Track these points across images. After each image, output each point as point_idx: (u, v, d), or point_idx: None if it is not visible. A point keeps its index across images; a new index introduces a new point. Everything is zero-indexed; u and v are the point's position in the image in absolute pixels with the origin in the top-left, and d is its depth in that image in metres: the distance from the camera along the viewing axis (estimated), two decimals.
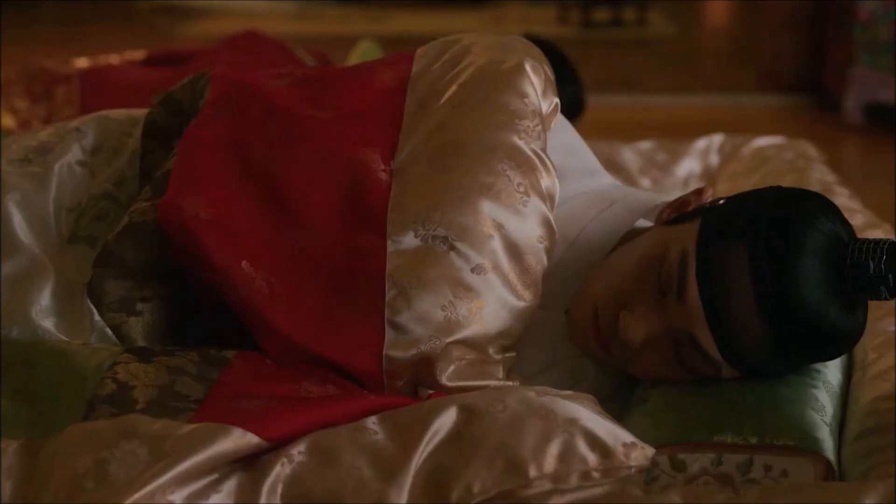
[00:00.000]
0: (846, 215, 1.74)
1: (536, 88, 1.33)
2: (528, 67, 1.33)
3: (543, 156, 1.29)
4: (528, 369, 1.30)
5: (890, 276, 1.14)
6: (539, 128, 1.30)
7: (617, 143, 2.33)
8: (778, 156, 2.16)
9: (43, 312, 1.25)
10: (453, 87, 1.34)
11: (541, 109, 1.32)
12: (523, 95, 1.31)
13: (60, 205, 1.38)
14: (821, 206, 1.20)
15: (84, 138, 1.45)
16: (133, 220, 1.28)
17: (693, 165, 2.28)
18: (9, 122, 2.51)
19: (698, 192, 1.29)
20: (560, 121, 1.40)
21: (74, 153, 1.43)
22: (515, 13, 7.35)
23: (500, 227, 1.23)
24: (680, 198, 1.30)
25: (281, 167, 1.30)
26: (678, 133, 3.87)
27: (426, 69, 1.40)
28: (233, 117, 1.36)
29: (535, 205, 1.26)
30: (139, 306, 1.27)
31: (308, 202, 1.28)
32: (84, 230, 1.37)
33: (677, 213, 1.28)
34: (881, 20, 3.64)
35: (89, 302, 1.26)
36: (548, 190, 1.28)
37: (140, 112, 1.51)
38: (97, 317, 1.25)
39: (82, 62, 2.70)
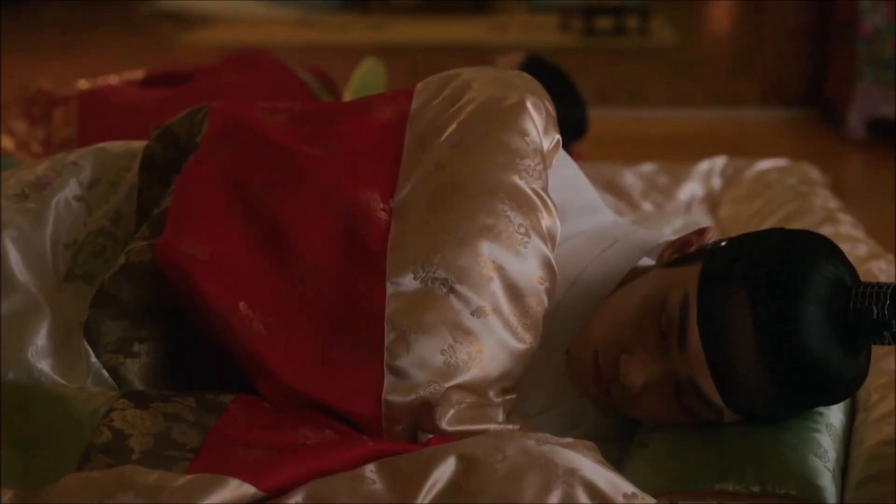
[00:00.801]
0: (849, 245, 1.77)
1: (537, 126, 1.32)
2: (528, 105, 1.32)
3: (544, 195, 1.28)
4: (528, 410, 1.29)
5: (893, 321, 1.13)
6: (540, 166, 1.29)
7: (618, 166, 2.31)
8: (780, 180, 2.15)
9: (39, 353, 1.25)
10: (453, 125, 1.33)
11: (542, 147, 1.31)
12: (524, 133, 1.30)
13: (57, 241, 1.37)
14: (823, 249, 1.19)
15: (81, 172, 1.45)
16: (130, 260, 1.27)
17: (695, 189, 2.27)
18: (7, 144, 2.50)
19: (700, 233, 1.28)
20: (561, 157, 1.39)
21: (71, 188, 1.42)
22: (517, 21, 7.33)
23: (500, 268, 1.22)
24: (681, 238, 1.29)
25: (279, 206, 1.29)
26: (680, 147, 3.87)
27: (426, 105, 1.39)
28: (230, 154, 1.35)
29: (536, 246, 1.24)
30: (136, 347, 1.26)
31: (307, 242, 1.27)
32: (81, 267, 1.36)
33: (678, 253, 1.27)
34: (884, 36, 3.63)
35: (85, 343, 1.25)
36: (549, 230, 1.27)
37: (138, 145, 1.50)
38: (93, 358, 1.24)
39: (81, 83, 2.69)
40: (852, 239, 1.80)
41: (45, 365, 1.24)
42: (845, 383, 1.17)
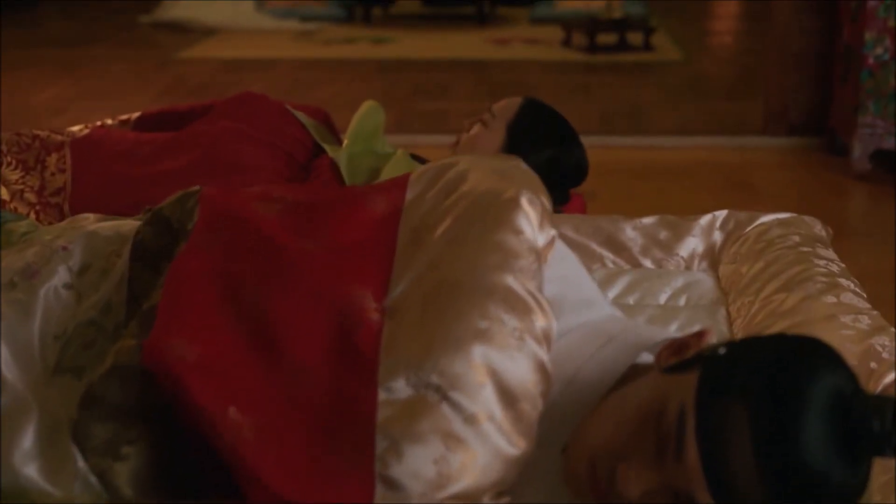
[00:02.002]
0: (851, 317, 1.74)
1: (532, 222, 1.30)
2: (523, 201, 1.31)
3: (539, 296, 1.26)
4: None
5: (895, 437, 1.11)
6: (535, 265, 1.28)
7: (618, 219, 2.29)
8: (782, 239, 2.12)
9: (26, 456, 1.23)
10: (448, 220, 1.31)
11: (536, 245, 1.29)
12: (518, 232, 1.28)
13: (46, 333, 1.36)
14: (822, 359, 1.16)
15: (71, 258, 1.43)
16: (118, 361, 1.26)
17: (696, 244, 2.24)
18: (3, 195, 2.48)
19: (698, 336, 1.26)
20: (557, 249, 1.37)
21: (61, 276, 1.41)
22: (520, 35, 7.30)
23: (494, 373, 1.20)
24: (679, 340, 1.27)
25: (271, 304, 1.28)
26: (683, 177, 3.85)
27: (420, 197, 1.37)
28: (222, 247, 1.33)
29: (531, 349, 1.23)
30: (125, 449, 1.24)
31: (298, 342, 1.25)
32: (70, 360, 1.35)
33: (676, 357, 1.25)
34: (887, 69, 3.61)
35: (73, 445, 1.23)
36: (543, 332, 1.25)
37: (128, 227, 1.49)
38: (81, 462, 1.22)
39: (75, 129, 2.66)
40: (855, 310, 1.77)
41: (31, 470, 1.22)
42: (847, 494, 1.15)
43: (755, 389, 1.12)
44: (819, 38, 4.04)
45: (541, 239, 1.31)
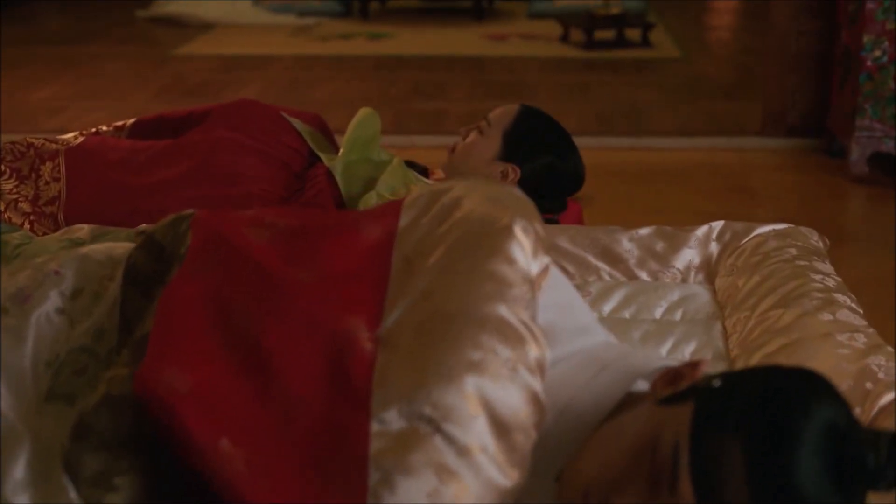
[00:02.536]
0: (847, 336, 1.74)
1: (526, 251, 1.29)
2: (517, 229, 1.30)
3: (532, 325, 1.25)
4: None
5: (890, 471, 1.11)
6: (528, 294, 1.27)
7: (614, 230, 2.28)
8: (779, 251, 2.12)
9: (18, 487, 1.23)
10: (441, 248, 1.30)
11: (530, 273, 1.29)
12: (511, 261, 1.28)
13: (38, 359, 1.35)
14: (816, 393, 1.16)
15: (63, 283, 1.42)
16: (110, 391, 1.25)
17: (692, 256, 2.23)
18: None
19: (693, 366, 1.25)
20: (552, 276, 1.36)
21: (53, 300, 1.40)
22: (517, 30, 7.28)
23: (486, 405, 1.20)
24: (674, 370, 1.26)
25: (263, 333, 1.27)
26: (681, 179, 3.84)
27: (414, 223, 1.36)
28: (214, 275, 1.33)
29: (524, 380, 1.22)
30: (116, 480, 1.23)
31: (291, 372, 1.24)
32: (62, 387, 1.34)
33: (671, 387, 1.24)
34: (885, 72, 3.59)
35: (66, 476, 1.22)
36: (537, 361, 1.24)
37: (121, 250, 1.48)
38: (73, 493, 1.22)
39: (69, 136, 2.66)
40: (851, 328, 1.77)
41: (23, 500, 1.22)
42: None
43: (749, 424, 1.12)
44: (818, 40, 4.02)
45: (534, 267, 1.30)
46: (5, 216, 2.46)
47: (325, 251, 1.35)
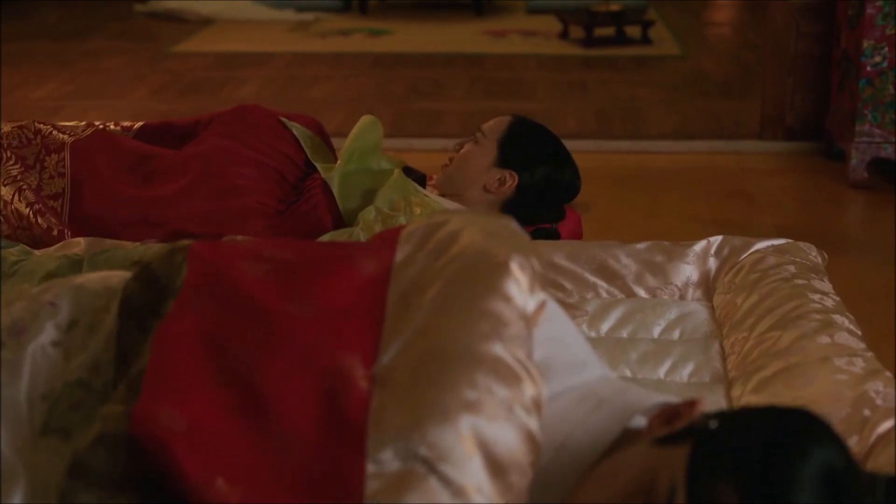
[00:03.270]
0: (845, 360, 1.73)
1: (522, 287, 1.29)
2: (514, 266, 1.29)
3: (528, 364, 1.25)
4: None
5: None
6: (524, 332, 1.27)
7: (612, 245, 2.27)
8: (777, 269, 2.11)
9: None
10: (437, 284, 1.30)
11: (526, 311, 1.28)
12: (508, 299, 1.27)
13: (34, 393, 1.35)
14: (813, 435, 1.16)
15: (58, 314, 1.42)
16: (106, 429, 1.25)
17: (690, 272, 2.23)
18: (5, 193, 2.49)
19: (690, 406, 1.25)
20: (549, 310, 1.35)
21: (48, 333, 1.40)
22: (517, 25, 7.26)
23: (482, 445, 1.20)
24: (670, 409, 1.26)
25: (259, 370, 1.27)
26: (680, 182, 3.83)
27: (410, 258, 1.36)
28: (209, 310, 1.32)
29: (520, 419, 1.22)
30: None
31: (286, 411, 1.24)
32: (58, 421, 1.34)
33: (668, 427, 1.24)
34: (885, 78, 3.58)
35: None
36: (533, 400, 1.24)
37: (116, 280, 1.47)
38: None
39: (79, 125, 2.66)
40: (849, 352, 1.76)
41: None
42: None
43: (746, 468, 1.12)
44: (817, 43, 4.01)
45: (531, 304, 1.29)
46: (12, 207, 2.46)
47: (321, 286, 1.34)
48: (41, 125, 2.64)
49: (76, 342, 1.40)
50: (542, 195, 2.68)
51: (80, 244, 2.28)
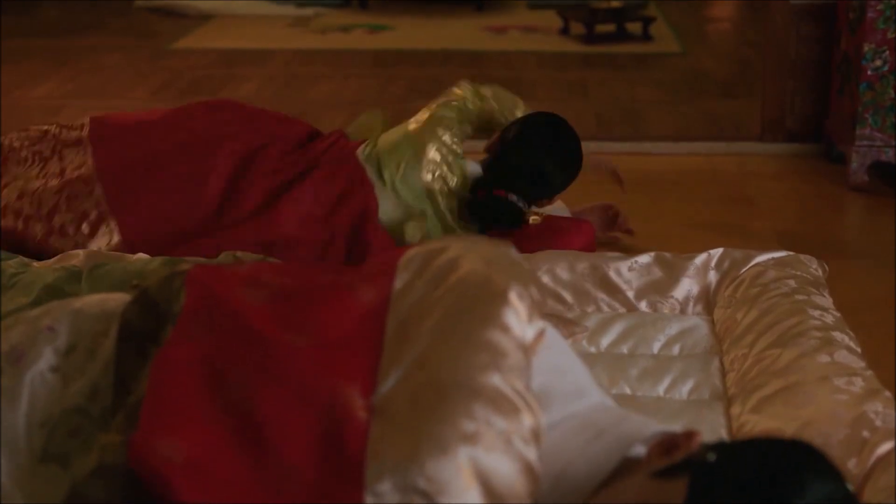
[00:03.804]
0: (844, 380, 1.73)
1: (521, 317, 1.29)
2: (512, 296, 1.29)
3: (527, 395, 1.25)
4: None
5: None
6: (522, 363, 1.27)
7: (612, 257, 2.27)
8: (778, 283, 2.11)
9: None
10: (436, 313, 1.30)
11: (524, 340, 1.28)
12: (506, 329, 1.28)
13: (32, 420, 1.35)
14: (811, 468, 1.16)
15: (57, 339, 1.42)
16: (104, 460, 1.25)
17: (690, 286, 2.22)
18: (10, 195, 2.50)
19: (688, 437, 1.25)
20: (548, 338, 1.35)
21: (47, 358, 1.40)
22: (517, 21, 7.25)
23: (480, 476, 1.20)
24: (669, 439, 1.26)
25: (257, 399, 1.27)
26: (680, 185, 3.82)
27: (409, 285, 1.36)
28: (208, 338, 1.33)
29: (518, 451, 1.22)
30: None
31: (285, 441, 1.24)
32: (56, 447, 1.34)
33: (667, 457, 1.24)
34: (886, 82, 3.57)
35: None
36: (532, 431, 1.24)
37: (114, 304, 1.47)
38: None
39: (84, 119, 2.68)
40: (849, 371, 1.76)
41: None
42: None
43: (744, 503, 1.12)
44: (817, 46, 3.99)
45: (529, 333, 1.30)
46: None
47: (319, 315, 1.34)
48: (47, 127, 2.67)
49: (75, 367, 1.40)
50: (538, 185, 2.73)
51: (78, 256, 2.28)
